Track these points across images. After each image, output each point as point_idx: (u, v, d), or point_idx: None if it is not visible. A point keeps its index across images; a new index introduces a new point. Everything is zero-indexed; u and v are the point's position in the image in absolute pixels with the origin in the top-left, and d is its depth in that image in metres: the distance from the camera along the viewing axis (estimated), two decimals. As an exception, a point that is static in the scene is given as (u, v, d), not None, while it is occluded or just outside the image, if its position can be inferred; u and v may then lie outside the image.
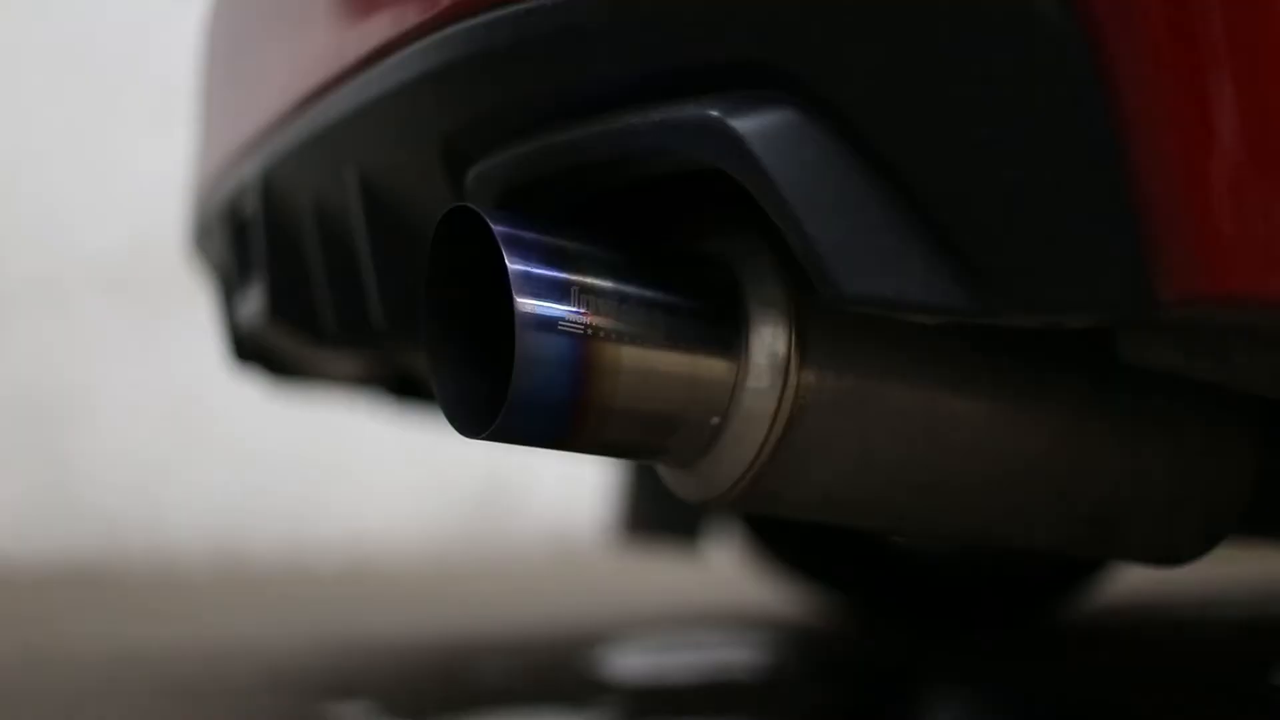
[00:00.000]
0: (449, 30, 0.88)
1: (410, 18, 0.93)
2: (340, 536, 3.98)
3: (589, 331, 0.79)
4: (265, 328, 1.26)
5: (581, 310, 0.80)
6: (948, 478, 0.89)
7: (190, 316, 3.25)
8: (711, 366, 0.84)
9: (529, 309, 0.78)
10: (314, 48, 1.09)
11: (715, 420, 0.84)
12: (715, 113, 0.76)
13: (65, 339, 3.82)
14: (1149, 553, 1.01)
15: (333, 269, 1.13)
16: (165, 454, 3.88)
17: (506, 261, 0.78)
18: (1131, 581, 2.57)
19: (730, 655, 2.00)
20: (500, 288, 0.81)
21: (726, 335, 0.84)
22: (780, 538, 2.09)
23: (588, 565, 3.88)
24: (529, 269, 0.79)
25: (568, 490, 3.98)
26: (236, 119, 1.33)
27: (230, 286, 1.48)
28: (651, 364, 0.82)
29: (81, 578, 3.55)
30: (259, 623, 2.65)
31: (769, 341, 0.83)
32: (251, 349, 1.49)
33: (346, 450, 3.95)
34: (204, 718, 1.60)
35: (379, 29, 0.97)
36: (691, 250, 0.89)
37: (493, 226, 0.79)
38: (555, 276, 0.79)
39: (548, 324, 0.79)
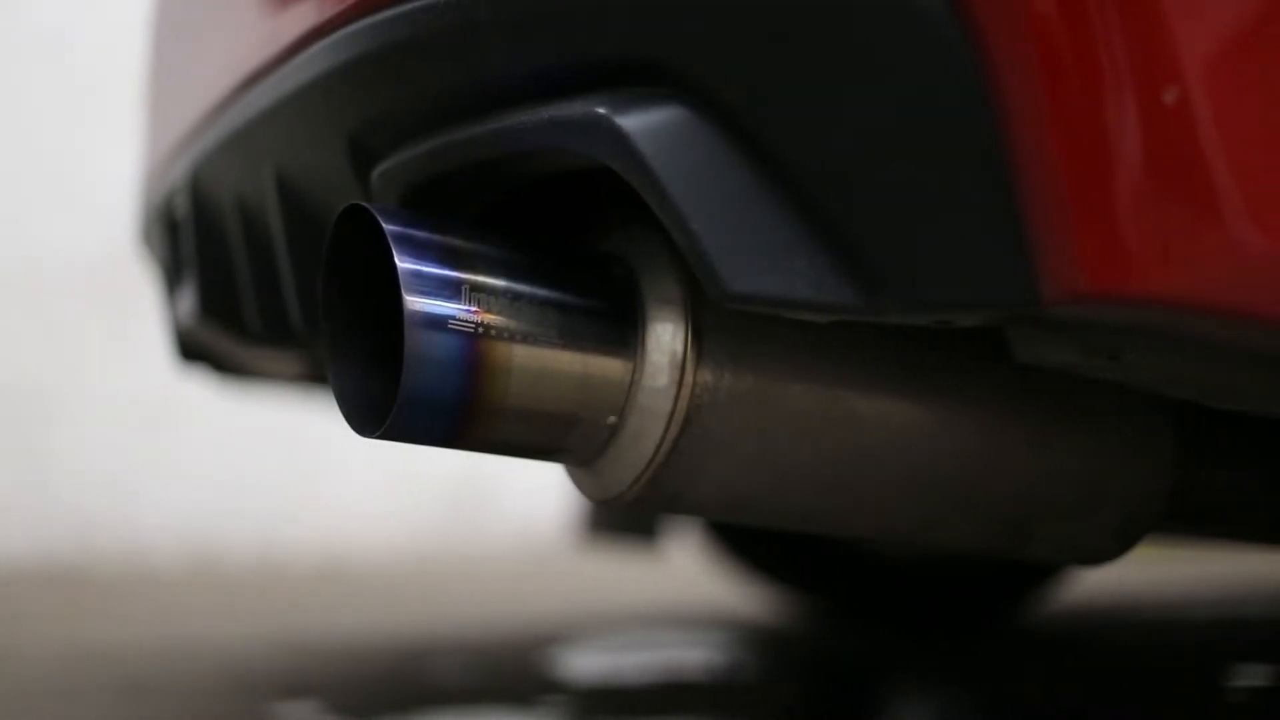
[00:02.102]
0: (350, 28, 0.88)
1: (316, 15, 0.92)
2: (314, 536, 3.98)
3: (480, 330, 0.79)
4: (196, 327, 1.26)
5: (472, 309, 0.79)
6: (854, 478, 0.89)
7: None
8: (608, 365, 0.83)
9: (418, 307, 0.78)
10: (233, 45, 1.09)
11: (612, 419, 0.84)
12: (602, 110, 0.76)
13: (39, 338, 3.82)
14: (1066, 553, 1.00)
15: (255, 268, 1.13)
16: (140, 453, 3.87)
17: (396, 259, 0.78)
18: (1098, 582, 2.57)
19: (686, 655, 1.99)
20: (394, 286, 0.81)
21: (623, 334, 0.83)
22: (742, 538, 2.09)
23: (558, 565, 3.88)
24: (419, 267, 0.78)
25: (541, 491, 3.97)
26: (170, 118, 1.33)
27: (171, 285, 1.48)
28: (545, 363, 0.81)
29: (54, 577, 3.54)
30: (224, 622, 2.65)
31: (666, 340, 0.83)
32: (193, 348, 1.48)
33: (321, 451, 3.94)
34: (152, 716, 1.60)
35: (289, 26, 0.97)
36: (594, 249, 0.88)
37: (383, 225, 0.79)
38: (446, 275, 0.79)
39: (437, 322, 0.78)
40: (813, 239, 0.75)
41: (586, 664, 1.94)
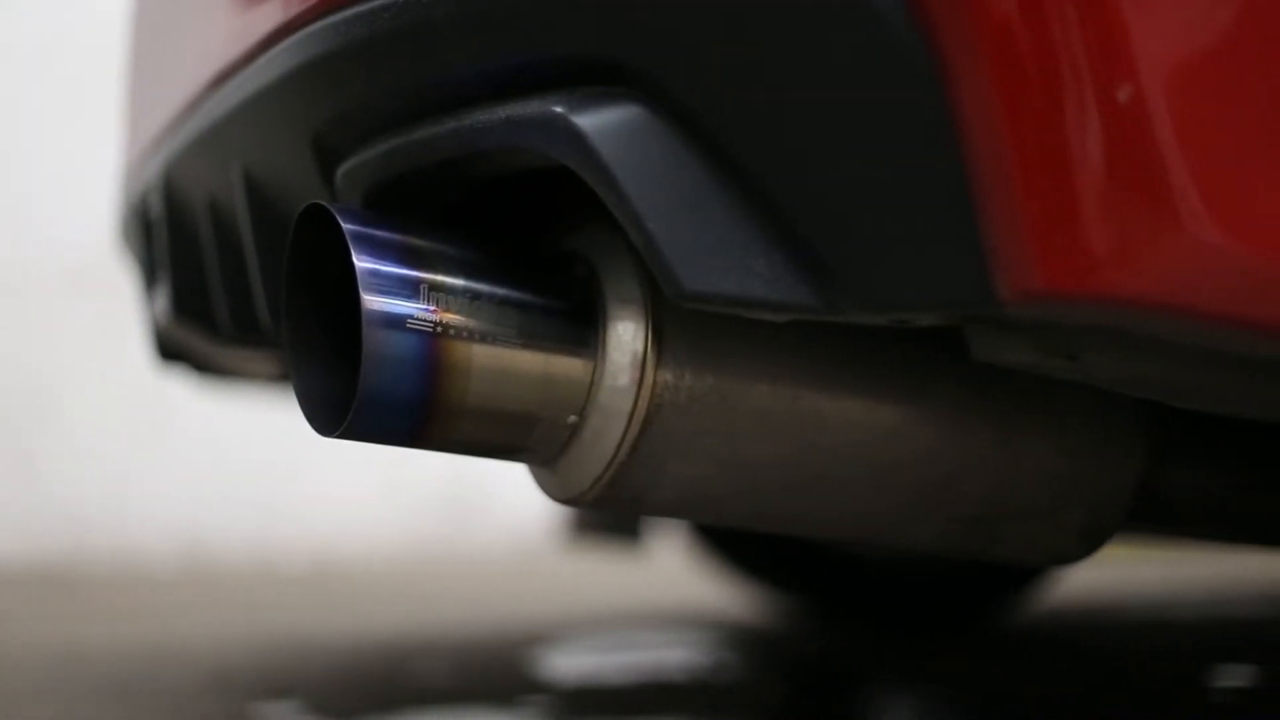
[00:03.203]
0: (311, 27, 0.88)
1: (280, 14, 0.92)
2: (306, 536, 3.98)
3: (439, 329, 0.79)
4: (170, 326, 1.26)
5: (431, 308, 0.79)
6: (816, 478, 0.88)
7: (155, 315, 3.24)
8: (568, 365, 0.83)
9: (376, 306, 0.78)
10: (203, 43, 1.09)
11: (573, 419, 0.84)
12: (559, 109, 0.76)
13: (30, 337, 3.82)
14: (1033, 553, 1.00)
15: (226, 268, 1.12)
16: (131, 453, 3.87)
17: (354, 259, 0.78)
18: (1084, 583, 2.57)
19: (670, 655, 1.99)
20: (354, 286, 0.80)
21: (584, 333, 0.83)
22: (728, 538, 2.08)
23: (547, 566, 3.88)
24: (377, 266, 0.78)
25: (531, 491, 3.96)
26: (146, 116, 1.33)
27: (149, 285, 1.47)
28: (504, 362, 0.81)
29: (45, 577, 3.54)
30: (212, 622, 2.65)
31: (627, 339, 0.83)
32: (171, 348, 1.48)
33: (313, 450, 3.94)
34: (133, 716, 1.60)
35: (255, 24, 0.97)
36: (557, 248, 0.88)
37: (342, 224, 0.79)
38: (404, 274, 0.79)
39: (395, 321, 0.78)
40: (769, 238, 0.75)
41: (570, 664, 1.94)
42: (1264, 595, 2.75)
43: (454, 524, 4.18)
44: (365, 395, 0.78)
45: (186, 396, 3.69)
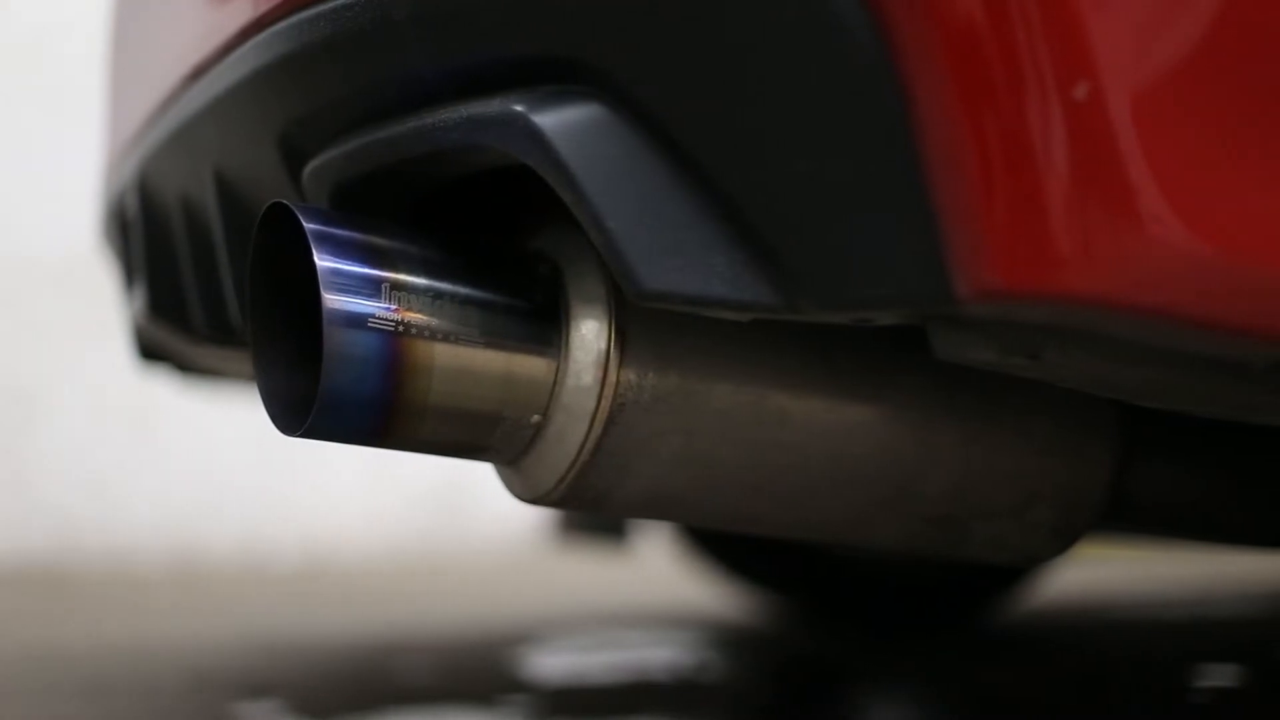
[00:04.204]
0: (276, 26, 0.87)
1: (247, 12, 0.92)
2: (295, 536, 3.97)
3: (400, 328, 0.79)
4: (146, 326, 1.26)
5: (392, 307, 0.79)
6: (781, 477, 0.88)
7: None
8: (531, 364, 0.83)
9: (337, 305, 0.77)
10: (173, 43, 1.09)
11: (536, 419, 0.84)
12: (519, 108, 0.75)
13: (20, 336, 3.81)
14: (1002, 552, 1.00)
15: (199, 267, 1.12)
16: (122, 453, 3.87)
17: (315, 258, 0.78)
18: (1069, 584, 2.57)
19: (654, 655, 1.99)
20: (316, 285, 0.80)
21: (547, 332, 0.83)
22: (714, 537, 2.08)
23: (535, 565, 3.87)
24: (339, 265, 0.78)
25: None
26: (123, 115, 1.33)
27: (128, 284, 1.47)
28: (467, 361, 0.81)
29: (32, 577, 3.54)
30: (198, 621, 2.65)
31: (590, 339, 0.83)
32: (151, 348, 1.48)
33: (304, 449, 3.94)
34: (110, 716, 1.60)
35: (224, 24, 0.97)
36: (522, 248, 0.88)
37: (304, 223, 0.79)
38: (366, 273, 0.79)
39: (357, 320, 0.78)
40: (729, 237, 0.74)
41: (553, 664, 1.93)
42: (1247, 595, 2.75)
43: (442, 523, 4.17)
44: (327, 395, 0.78)
45: (174, 397, 3.69)
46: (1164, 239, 0.71)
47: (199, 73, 1.03)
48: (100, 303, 3.83)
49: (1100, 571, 2.88)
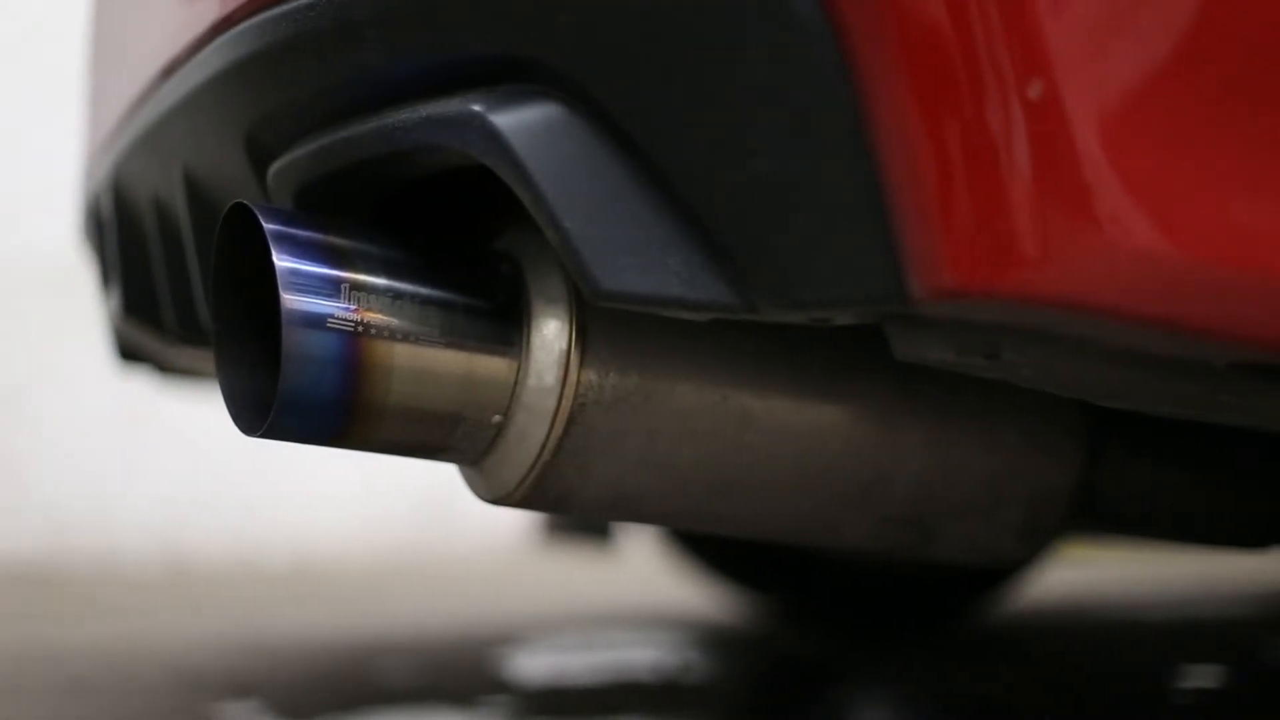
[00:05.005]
0: (240, 26, 0.88)
1: (214, 12, 0.92)
2: (285, 537, 3.97)
3: (360, 329, 0.79)
4: (123, 327, 1.26)
5: (352, 307, 0.79)
6: (744, 478, 0.88)
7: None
8: (492, 364, 0.83)
9: (296, 305, 0.78)
10: (146, 42, 1.09)
11: (497, 419, 0.84)
12: (477, 107, 0.76)
13: (10, 337, 3.81)
14: (970, 553, 1.00)
15: (171, 267, 1.12)
16: (110, 452, 3.86)
17: (274, 258, 0.78)
18: (1054, 585, 2.57)
19: (638, 656, 1.99)
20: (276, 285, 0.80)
21: (508, 332, 0.83)
22: (699, 538, 2.08)
23: (523, 566, 3.87)
24: (298, 265, 0.78)
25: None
26: (100, 115, 1.33)
27: (105, 284, 1.47)
28: (427, 361, 0.81)
29: (23, 576, 3.54)
30: (186, 621, 2.65)
31: (551, 338, 0.83)
32: (129, 348, 1.48)
33: (291, 451, 3.93)
34: (94, 714, 1.59)
35: (191, 23, 0.97)
36: (484, 248, 0.88)
37: (264, 223, 0.79)
38: (325, 273, 0.79)
39: (315, 320, 0.78)
40: (687, 237, 0.75)
41: (536, 664, 1.93)
42: (1229, 597, 2.75)
43: (430, 524, 4.17)
44: (286, 395, 0.78)
45: (165, 396, 3.70)
46: (1121, 238, 0.71)
47: (170, 71, 1.03)
48: (91, 303, 3.83)
49: (1083, 573, 2.89)
